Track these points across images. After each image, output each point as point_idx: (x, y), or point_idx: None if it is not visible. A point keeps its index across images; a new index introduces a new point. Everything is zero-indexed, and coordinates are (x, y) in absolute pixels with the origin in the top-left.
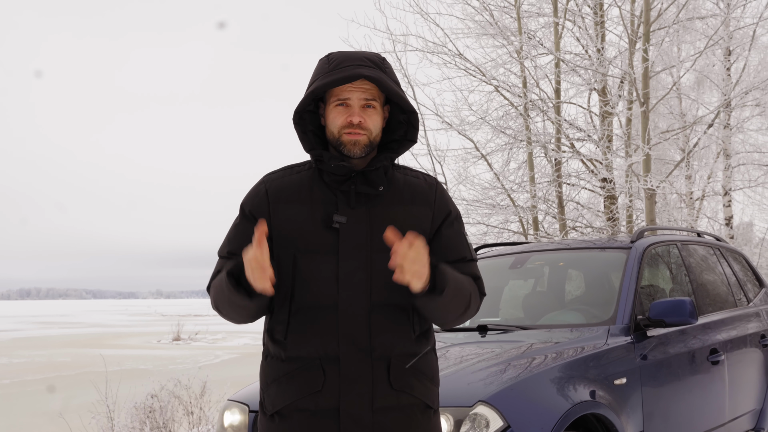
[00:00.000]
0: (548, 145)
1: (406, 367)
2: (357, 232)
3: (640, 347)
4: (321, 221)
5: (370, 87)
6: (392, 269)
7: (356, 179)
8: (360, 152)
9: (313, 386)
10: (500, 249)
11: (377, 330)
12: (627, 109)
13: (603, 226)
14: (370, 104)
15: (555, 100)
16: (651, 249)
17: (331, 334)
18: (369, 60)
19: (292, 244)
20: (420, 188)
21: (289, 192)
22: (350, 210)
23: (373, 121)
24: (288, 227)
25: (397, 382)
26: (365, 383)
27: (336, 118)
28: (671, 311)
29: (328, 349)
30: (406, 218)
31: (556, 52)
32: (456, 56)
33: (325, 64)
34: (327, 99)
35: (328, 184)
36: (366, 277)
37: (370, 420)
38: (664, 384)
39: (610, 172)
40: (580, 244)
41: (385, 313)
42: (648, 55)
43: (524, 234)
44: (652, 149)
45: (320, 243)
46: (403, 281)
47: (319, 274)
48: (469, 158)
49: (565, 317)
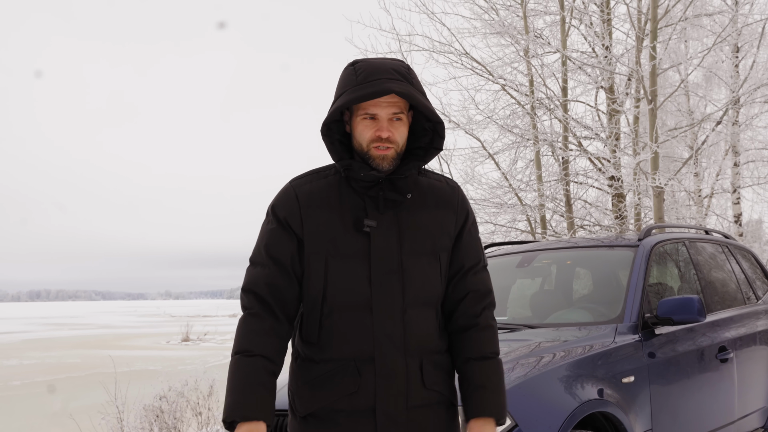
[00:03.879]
0: (556, 144)
1: (435, 364)
2: (387, 236)
3: (648, 345)
4: (352, 225)
5: (398, 100)
6: (422, 272)
7: (384, 185)
8: (388, 166)
9: (349, 388)
10: (508, 248)
11: (411, 329)
12: (634, 106)
13: (611, 225)
14: (398, 117)
15: (562, 98)
16: (659, 247)
17: (366, 335)
18: (396, 72)
19: (323, 248)
20: (444, 192)
21: (319, 197)
22: (379, 215)
23: (400, 133)
24: (319, 231)
25: (429, 380)
26: (401, 382)
27: (364, 131)
28: (679, 309)
29: (363, 349)
30: (432, 222)
31: (563, 50)
32: (462, 55)
33: (352, 74)
34: (353, 109)
35: (355, 190)
36: (398, 278)
37: (406, 418)
38: (673, 382)
39: (618, 170)
40: (587, 243)
41: (417, 313)
42: (656, 52)
43: (532, 233)
44: (660, 147)
45: (352, 246)
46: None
47: (352, 277)
48: (477, 157)
49: (573, 316)
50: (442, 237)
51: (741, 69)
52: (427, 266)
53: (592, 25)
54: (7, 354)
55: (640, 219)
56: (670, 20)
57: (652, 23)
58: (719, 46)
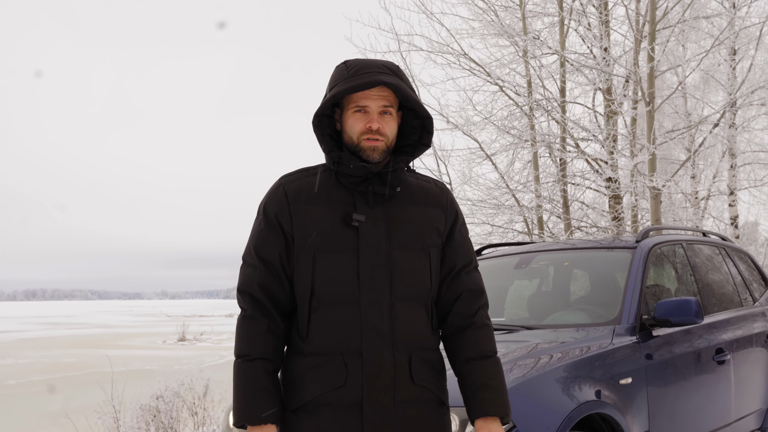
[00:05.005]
0: (553, 145)
1: (426, 361)
2: (376, 230)
3: (645, 347)
4: (341, 220)
5: (387, 94)
6: (411, 266)
7: (373, 180)
8: (378, 157)
9: (336, 381)
10: (505, 249)
11: (399, 323)
12: (632, 108)
13: (608, 226)
14: (387, 111)
15: (560, 99)
16: (656, 248)
17: (354, 328)
18: (386, 67)
19: (312, 243)
20: (432, 191)
21: (307, 193)
22: (368, 209)
23: (390, 127)
24: (308, 227)
25: (418, 376)
26: (388, 376)
27: (355, 124)
28: (677, 311)
29: (350, 343)
30: (421, 218)
31: (562, 51)
32: (461, 56)
33: (344, 70)
34: (344, 105)
35: (344, 186)
36: (386, 272)
37: (392, 413)
38: (670, 384)
39: (615, 172)
40: (585, 244)
41: (405, 307)
42: (653, 54)
43: (529, 234)
44: (657, 149)
45: (340, 241)
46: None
47: (340, 271)
48: (474, 158)
49: (571, 317)
50: (431, 233)
51: (738, 71)
52: (416, 261)
53: (591, 26)
54: (3, 353)
55: (637, 221)
56: (668, 22)
57: (650, 25)
58: (717, 49)
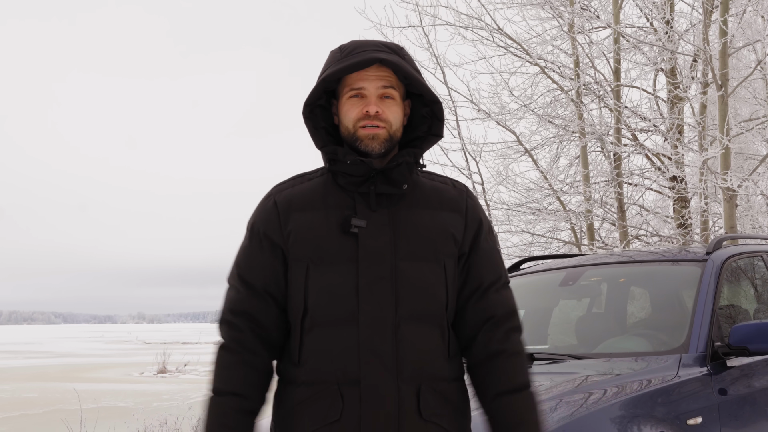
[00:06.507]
0: (606, 138)
1: (437, 393)
2: (379, 237)
3: (718, 380)
4: (338, 226)
5: (387, 74)
6: (421, 280)
7: (376, 179)
8: (379, 147)
9: (331, 415)
10: (548, 262)
11: (405, 347)
12: (701, 93)
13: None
14: (388, 93)
15: (614, 83)
16: (731, 262)
17: (352, 353)
18: (385, 46)
19: (305, 255)
20: (449, 194)
21: (301, 199)
22: (370, 213)
23: (392, 112)
24: (301, 236)
25: (427, 411)
26: (390, 410)
27: (350, 111)
28: (756, 336)
29: (347, 370)
30: (433, 223)
31: (616, 25)
32: (494, 31)
33: (337, 53)
34: (340, 92)
35: (343, 188)
36: (390, 286)
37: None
38: (748, 424)
39: (681, 170)
40: (644, 257)
41: (414, 328)
42: (727, 27)
43: (577, 244)
44: (732, 141)
45: (337, 251)
46: None
47: (336, 285)
48: (511, 153)
49: (628, 344)
50: (446, 241)
51: None
52: (428, 273)
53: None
54: None
55: (707, 228)
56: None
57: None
58: None
